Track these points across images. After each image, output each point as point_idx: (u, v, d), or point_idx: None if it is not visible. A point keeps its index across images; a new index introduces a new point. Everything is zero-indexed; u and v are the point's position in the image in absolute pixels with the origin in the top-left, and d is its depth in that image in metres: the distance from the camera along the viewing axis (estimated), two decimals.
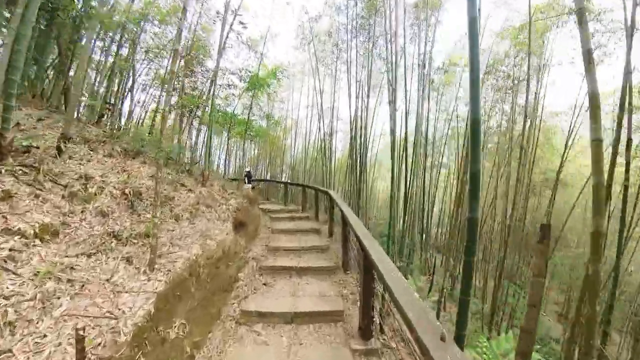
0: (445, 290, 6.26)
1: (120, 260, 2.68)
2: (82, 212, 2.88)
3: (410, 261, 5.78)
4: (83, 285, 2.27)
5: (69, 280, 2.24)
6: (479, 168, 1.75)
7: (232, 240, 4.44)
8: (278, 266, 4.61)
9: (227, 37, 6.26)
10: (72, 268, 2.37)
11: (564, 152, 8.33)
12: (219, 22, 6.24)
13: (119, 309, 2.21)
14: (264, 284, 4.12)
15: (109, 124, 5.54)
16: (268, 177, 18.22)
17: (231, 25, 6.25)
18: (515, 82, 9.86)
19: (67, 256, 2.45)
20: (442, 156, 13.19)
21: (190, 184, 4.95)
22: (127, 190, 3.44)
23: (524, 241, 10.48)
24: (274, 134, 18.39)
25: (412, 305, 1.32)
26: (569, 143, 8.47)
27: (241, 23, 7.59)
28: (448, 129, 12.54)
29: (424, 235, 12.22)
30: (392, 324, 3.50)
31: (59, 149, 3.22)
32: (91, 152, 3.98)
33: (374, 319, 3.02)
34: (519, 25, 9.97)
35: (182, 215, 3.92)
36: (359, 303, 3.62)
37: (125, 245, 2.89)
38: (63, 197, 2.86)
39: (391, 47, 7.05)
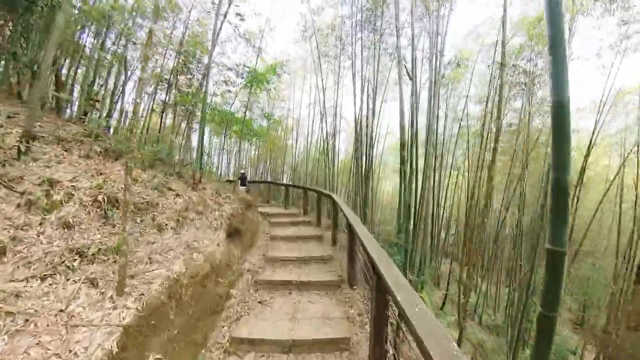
0: (466, 309, 5.71)
1: (82, 283, 2.26)
2: (40, 224, 2.46)
3: (422, 272, 5.32)
4: (28, 319, 1.85)
5: (9, 313, 1.83)
6: (567, 175, 1.24)
7: (223, 252, 4.01)
8: (276, 280, 4.17)
9: (221, 27, 5.86)
10: (17, 296, 1.96)
11: (588, 152, 7.82)
12: (214, 11, 5.84)
13: (71, 351, 1.78)
14: (260, 302, 3.69)
15: (93, 121, 5.16)
16: (269, 179, 17.82)
17: (225, 15, 5.84)
18: (532, 77, 9.35)
19: (13, 280, 2.04)
20: (454, 157, 12.68)
21: (180, 187, 4.53)
22: (100, 197, 3.03)
23: (539, 247, 9.93)
24: (275, 134, 18.00)
25: None
26: (593, 142, 7.95)
27: (238, 15, 7.20)
28: (459, 128, 12.05)
29: (433, 241, 11.73)
30: (409, 356, 3.06)
31: (19, 149, 2.82)
32: (64, 153, 3.58)
33: (387, 352, 2.57)
34: (535, 16, 9.50)
35: (166, 225, 3.50)
36: (368, 328, 3.19)
37: (92, 263, 2.47)
38: (18, 206, 2.45)
39: (399, 41, 6.60)
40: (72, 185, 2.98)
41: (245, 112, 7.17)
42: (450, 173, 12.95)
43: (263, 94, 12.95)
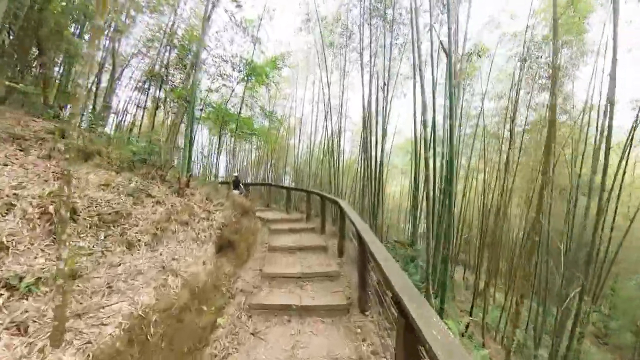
0: (510, 349, 4.97)
1: (4, 329, 1.69)
2: None
3: (445, 289, 4.60)
4: None
5: None
6: None
7: (211, 271, 3.44)
8: (273, 305, 3.60)
9: (212, 9, 5.32)
10: None
11: (624, 153, 7.10)
12: None
13: None
14: (252, 334, 3.11)
15: (67, 119, 4.64)
16: (271, 180, 17.27)
17: None
18: (558, 71, 8.68)
19: None
20: (470, 158, 12.01)
21: (162, 193, 3.98)
22: (52, 208, 2.47)
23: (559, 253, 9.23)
24: (277, 134, 17.49)
25: None
26: (631, 141, 7.22)
27: (234, 0, 6.68)
28: (476, 127, 11.37)
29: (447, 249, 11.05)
30: None
31: None
32: (18, 153, 3.05)
33: None
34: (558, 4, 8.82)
35: (138, 240, 2.93)
36: None
37: (24, 299, 1.92)
38: None
39: (416, 24, 6.02)
40: (15, 194, 2.43)
41: (240, 108, 6.62)
42: (466, 174, 12.27)
43: (263, 91, 12.43)
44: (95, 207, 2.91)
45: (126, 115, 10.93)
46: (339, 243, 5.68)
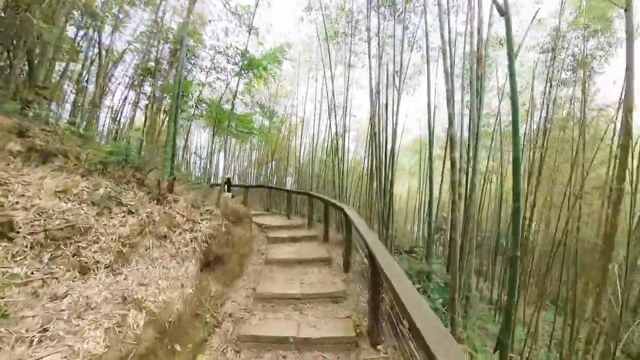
0: None
1: None
2: None
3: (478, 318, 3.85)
4: None
5: None
6: None
7: (190, 297, 2.91)
8: (267, 336, 3.05)
9: None
10: None
11: None
12: None
13: None
14: None
15: (34, 114, 4.19)
16: (273, 182, 16.76)
17: None
18: (587, 62, 8.06)
19: None
20: (489, 159, 11.37)
21: (137, 200, 3.47)
22: None
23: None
24: (278, 134, 16.99)
25: None
26: None
27: None
28: (494, 126, 10.74)
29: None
30: None
31: None
32: None
33: None
34: None
35: (96, 262, 2.42)
36: None
37: None
38: None
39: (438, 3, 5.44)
40: None
41: (233, 102, 6.12)
42: (483, 177, 11.63)
43: (263, 87, 11.93)
44: (44, 220, 2.40)
45: (120, 113, 10.56)
46: (344, 256, 5.12)
